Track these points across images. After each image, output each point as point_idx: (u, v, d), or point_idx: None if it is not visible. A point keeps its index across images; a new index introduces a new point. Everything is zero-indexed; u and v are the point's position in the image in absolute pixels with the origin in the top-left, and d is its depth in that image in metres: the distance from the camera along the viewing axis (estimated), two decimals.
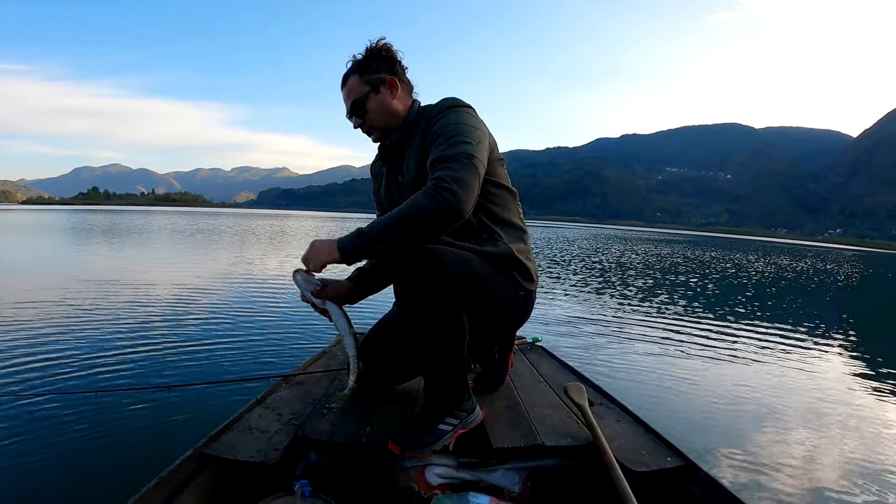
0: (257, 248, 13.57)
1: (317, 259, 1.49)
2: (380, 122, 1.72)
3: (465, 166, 1.47)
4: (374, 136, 1.77)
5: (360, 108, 1.70)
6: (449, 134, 1.54)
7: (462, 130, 1.55)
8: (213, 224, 29.93)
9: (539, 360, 2.58)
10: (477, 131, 1.58)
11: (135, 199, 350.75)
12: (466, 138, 1.53)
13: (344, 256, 1.45)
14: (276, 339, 4.06)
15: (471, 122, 1.60)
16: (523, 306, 1.75)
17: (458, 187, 1.42)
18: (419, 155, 1.65)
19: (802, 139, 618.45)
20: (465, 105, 1.65)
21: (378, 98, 1.69)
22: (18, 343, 3.66)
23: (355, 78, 1.70)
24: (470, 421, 1.58)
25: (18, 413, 2.49)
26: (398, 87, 1.72)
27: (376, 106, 1.70)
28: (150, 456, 2.07)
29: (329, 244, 1.47)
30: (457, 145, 1.51)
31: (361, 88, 1.69)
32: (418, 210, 1.40)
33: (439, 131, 1.56)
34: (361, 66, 1.71)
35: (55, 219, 31.09)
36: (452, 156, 1.48)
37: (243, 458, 1.41)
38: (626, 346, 4.51)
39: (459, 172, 1.45)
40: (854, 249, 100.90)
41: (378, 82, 1.69)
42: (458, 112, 1.61)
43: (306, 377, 2.12)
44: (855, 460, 2.46)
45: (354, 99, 1.70)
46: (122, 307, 5.08)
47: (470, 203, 1.46)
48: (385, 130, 1.74)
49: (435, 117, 1.62)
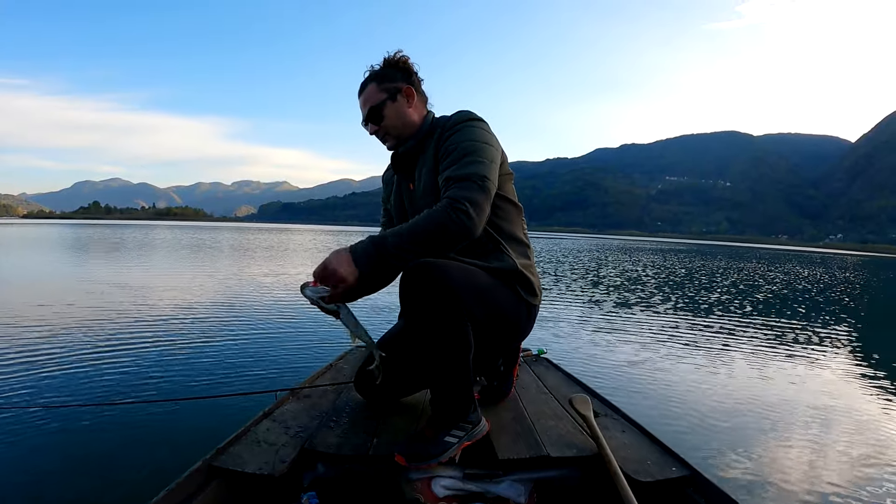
0: (261, 262, 13.59)
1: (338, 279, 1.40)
2: (395, 130, 1.76)
3: (479, 189, 1.50)
4: (388, 143, 1.80)
5: (376, 114, 1.73)
6: (462, 151, 1.57)
7: (476, 149, 1.58)
8: (214, 238, 30.00)
9: (545, 371, 2.59)
10: (490, 149, 1.61)
11: (136, 214, 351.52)
12: (480, 157, 1.56)
13: (362, 270, 1.40)
14: (283, 353, 4.07)
15: (484, 138, 1.62)
16: (526, 319, 1.76)
17: (474, 210, 1.46)
18: (432, 165, 1.68)
19: (801, 145, 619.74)
20: (479, 119, 1.68)
21: (395, 106, 1.73)
22: (27, 355, 3.68)
23: (373, 86, 1.74)
24: (476, 433, 1.59)
25: (28, 425, 2.50)
26: (414, 97, 1.76)
27: (392, 113, 1.73)
28: (159, 468, 2.08)
29: (345, 260, 1.40)
30: (470, 165, 1.54)
31: (379, 96, 1.73)
32: (435, 226, 1.43)
33: (452, 147, 1.59)
34: (379, 75, 1.75)
35: (58, 233, 31.20)
36: (467, 176, 1.51)
37: (251, 471, 1.42)
38: (632, 356, 4.51)
39: (474, 195, 1.48)
40: (856, 254, 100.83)
41: (395, 91, 1.73)
42: (472, 128, 1.64)
43: (313, 390, 2.13)
44: (862, 468, 2.45)
45: (372, 106, 1.73)
46: (129, 321, 5.09)
47: (482, 225, 1.51)
48: (399, 138, 1.78)
49: (449, 130, 1.65)
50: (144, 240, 24.68)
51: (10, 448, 2.27)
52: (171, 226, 76.23)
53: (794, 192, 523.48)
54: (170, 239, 26.87)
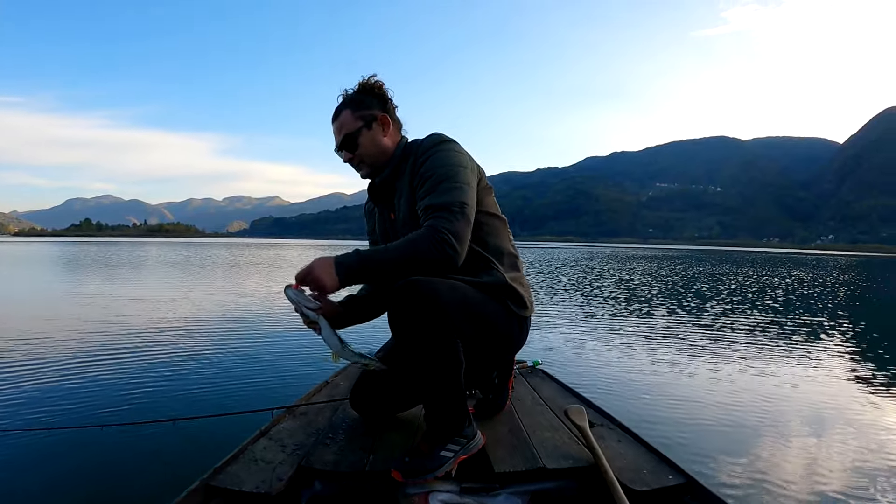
0: (254, 279, 13.52)
1: (318, 283, 1.47)
2: (370, 158, 1.75)
3: (459, 215, 1.52)
4: (362, 172, 1.79)
5: (351, 142, 1.72)
6: (438, 178, 1.57)
7: (450, 174, 1.58)
8: (207, 254, 29.85)
9: (540, 383, 2.60)
10: (464, 171, 1.62)
11: (127, 231, 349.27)
12: (456, 182, 1.57)
13: (341, 276, 1.46)
14: (279, 371, 4.05)
15: (458, 161, 1.63)
16: (518, 332, 1.77)
17: (457, 241, 1.49)
18: (408, 194, 1.68)
19: (790, 148, 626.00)
20: (450, 141, 1.68)
21: (370, 134, 1.73)
22: (22, 376, 3.64)
23: (348, 112, 1.73)
24: (471, 446, 1.60)
25: (23, 447, 2.48)
26: (389, 125, 1.75)
27: (368, 141, 1.73)
28: (156, 488, 2.06)
29: (327, 266, 1.46)
30: (447, 192, 1.55)
31: (354, 123, 1.72)
32: (418, 255, 1.46)
33: (428, 174, 1.59)
34: (354, 102, 1.74)
35: (49, 251, 30.93)
36: (445, 205, 1.52)
37: (248, 490, 1.43)
38: (627, 365, 4.52)
39: (455, 225, 1.50)
40: (848, 255, 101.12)
41: (371, 119, 1.73)
42: (443, 152, 1.64)
43: (309, 408, 2.13)
44: (859, 472, 2.45)
45: (347, 133, 1.72)
46: (123, 340, 5.05)
47: (465, 253, 1.53)
48: (373, 166, 1.77)
49: (422, 157, 1.65)
50: (136, 257, 24.54)
51: (5, 470, 2.24)
52: (162, 242, 75.83)
53: (785, 195, 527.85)
54: (161, 256, 26.72)
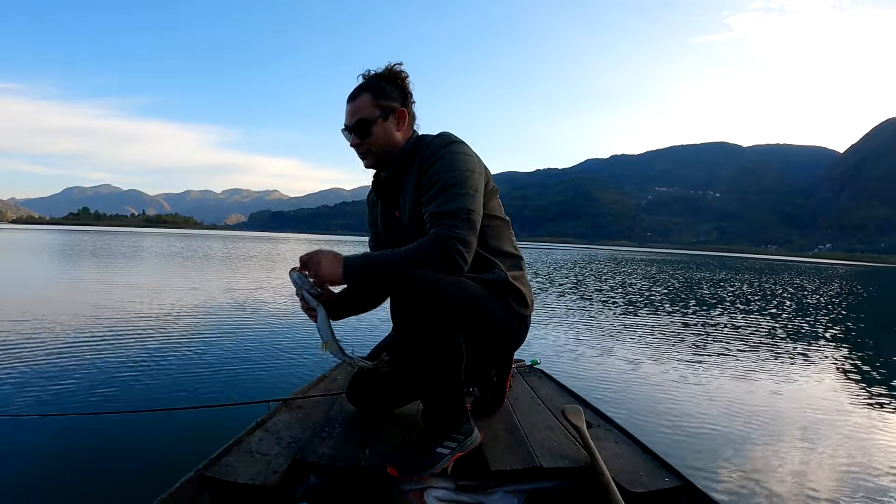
0: (254, 272, 13.51)
1: (319, 272, 1.50)
2: (378, 149, 1.70)
3: (466, 223, 1.53)
4: (367, 162, 1.74)
5: (364, 129, 1.66)
6: (446, 183, 1.55)
7: (458, 180, 1.56)
8: (205, 246, 29.80)
9: (538, 382, 2.60)
10: (473, 176, 1.60)
11: (125, 220, 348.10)
12: (463, 189, 1.55)
13: (346, 278, 1.49)
14: (276, 364, 4.04)
15: (466, 165, 1.60)
16: (518, 330, 1.77)
17: (465, 249, 1.51)
18: (414, 193, 1.65)
19: (790, 156, 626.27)
20: (459, 142, 1.65)
21: (384, 125, 1.68)
22: (18, 364, 3.63)
23: (367, 97, 1.66)
24: (468, 444, 1.60)
25: (18, 434, 2.47)
26: (405, 120, 1.71)
27: (381, 132, 1.67)
28: (151, 478, 2.05)
29: (334, 261, 1.49)
30: (455, 199, 1.53)
31: (372, 111, 1.66)
32: (426, 264, 1.47)
33: (436, 178, 1.57)
34: (376, 89, 1.67)
35: (47, 238, 30.85)
36: (452, 212, 1.52)
37: (243, 481, 1.42)
38: (625, 366, 4.52)
39: (462, 233, 1.51)
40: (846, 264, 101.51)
41: (389, 110, 1.68)
42: (453, 154, 1.60)
43: (306, 401, 2.13)
44: (853, 476, 2.47)
45: (361, 118, 1.65)
46: (122, 330, 5.04)
47: (471, 260, 1.55)
48: (380, 158, 1.72)
49: (430, 158, 1.61)
50: (134, 246, 24.49)
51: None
52: (160, 233, 75.73)
53: (783, 203, 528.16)
54: (160, 246, 26.68)
